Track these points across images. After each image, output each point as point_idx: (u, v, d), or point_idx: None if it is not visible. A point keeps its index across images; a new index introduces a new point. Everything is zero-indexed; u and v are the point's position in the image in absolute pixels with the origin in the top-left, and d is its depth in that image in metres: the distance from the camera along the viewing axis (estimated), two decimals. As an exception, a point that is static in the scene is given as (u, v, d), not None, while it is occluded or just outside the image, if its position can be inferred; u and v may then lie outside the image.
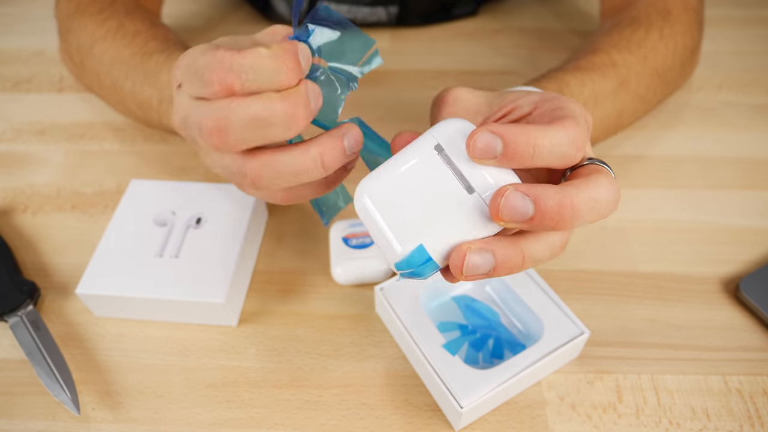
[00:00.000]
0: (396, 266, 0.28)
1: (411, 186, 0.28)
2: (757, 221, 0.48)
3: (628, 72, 0.48)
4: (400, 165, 0.29)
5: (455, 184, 0.28)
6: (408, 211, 0.28)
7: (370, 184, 0.29)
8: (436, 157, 0.28)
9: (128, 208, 0.46)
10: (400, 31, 0.70)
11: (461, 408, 0.34)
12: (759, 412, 0.38)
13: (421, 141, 0.29)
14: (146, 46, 0.48)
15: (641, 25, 0.50)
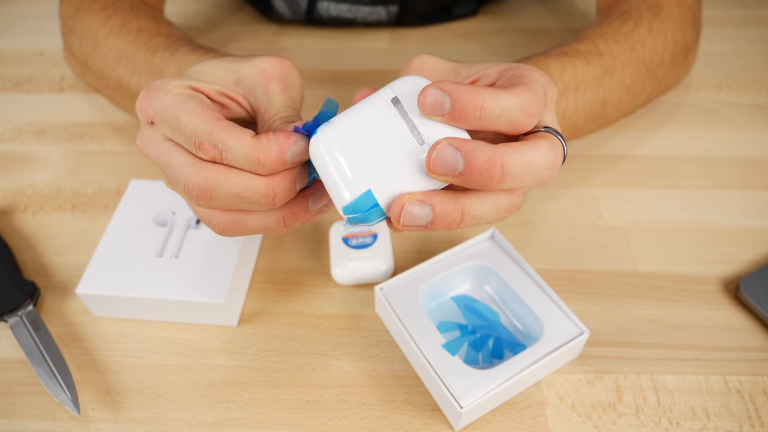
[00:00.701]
0: (343, 210, 0.28)
1: (365, 135, 0.28)
2: (757, 221, 0.49)
3: (613, 61, 0.48)
4: (357, 115, 0.29)
5: (408, 136, 0.28)
6: (360, 159, 0.28)
7: (326, 132, 0.29)
8: (392, 109, 0.29)
9: (128, 208, 0.46)
10: (399, 31, 0.70)
11: (461, 408, 0.34)
12: (759, 412, 0.38)
13: (380, 94, 0.29)
14: (150, 42, 0.48)
15: (630, 18, 0.51)
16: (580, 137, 0.53)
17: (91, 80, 0.56)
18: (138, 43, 0.49)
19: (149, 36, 0.49)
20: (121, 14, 0.52)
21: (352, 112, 0.29)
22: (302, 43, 0.68)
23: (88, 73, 0.55)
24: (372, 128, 0.29)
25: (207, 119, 0.29)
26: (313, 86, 0.63)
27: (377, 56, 0.66)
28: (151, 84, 0.46)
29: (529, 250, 0.47)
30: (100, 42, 0.51)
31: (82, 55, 0.53)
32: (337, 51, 0.67)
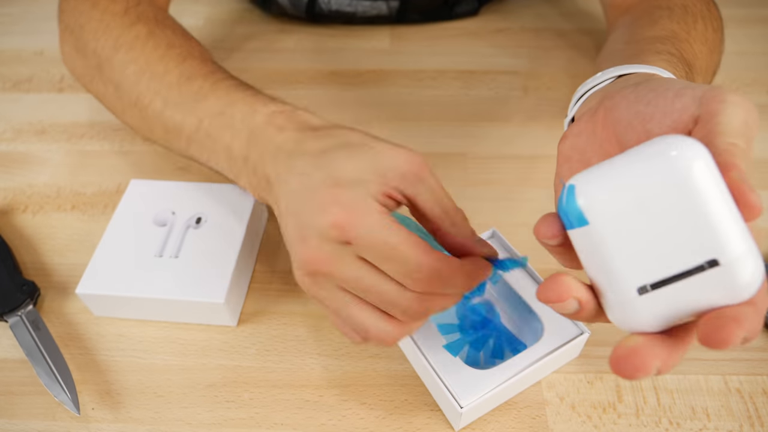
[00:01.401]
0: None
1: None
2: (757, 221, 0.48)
3: (707, 67, 0.45)
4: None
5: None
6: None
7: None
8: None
9: (128, 208, 0.46)
10: (400, 30, 0.70)
11: (461, 408, 0.34)
12: (759, 412, 0.38)
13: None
14: (184, 64, 0.43)
15: (697, 16, 0.46)
16: None
17: (97, 87, 0.48)
18: (167, 62, 0.43)
19: (181, 56, 0.44)
20: (146, 23, 0.46)
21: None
22: (302, 43, 0.68)
23: (98, 80, 0.47)
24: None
25: (426, 253, 0.29)
26: (313, 86, 0.63)
27: (377, 56, 0.66)
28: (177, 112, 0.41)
29: (529, 250, 0.47)
30: (120, 49, 0.45)
31: (96, 59, 0.46)
32: (337, 51, 0.67)
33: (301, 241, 0.30)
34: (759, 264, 0.21)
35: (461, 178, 0.53)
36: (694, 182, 0.20)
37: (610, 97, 0.30)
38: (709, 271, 0.20)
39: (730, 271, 0.20)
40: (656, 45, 0.40)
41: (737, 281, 0.20)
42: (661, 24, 0.45)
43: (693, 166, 0.20)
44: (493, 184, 0.52)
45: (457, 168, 0.54)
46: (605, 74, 0.36)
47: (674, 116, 0.26)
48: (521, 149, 0.55)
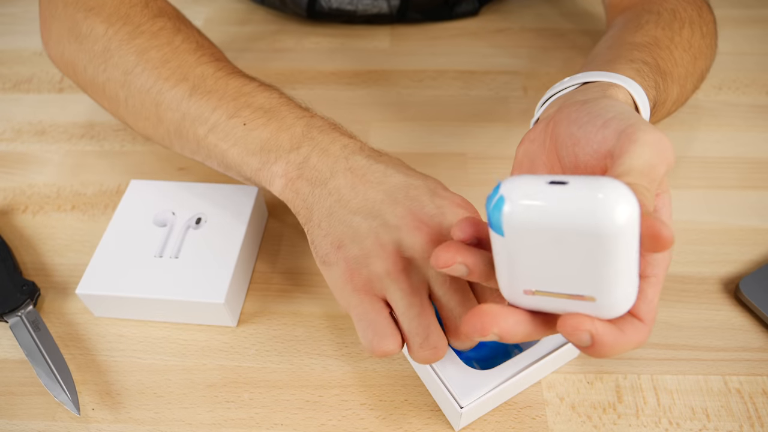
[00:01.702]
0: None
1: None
2: (757, 221, 0.48)
3: (685, 74, 0.45)
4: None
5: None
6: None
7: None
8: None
9: (128, 208, 0.46)
10: (400, 30, 0.70)
11: (461, 408, 0.34)
12: (759, 412, 0.38)
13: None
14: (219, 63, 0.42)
15: (684, 21, 0.47)
16: None
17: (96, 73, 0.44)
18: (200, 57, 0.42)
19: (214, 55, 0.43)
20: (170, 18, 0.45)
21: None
22: (302, 43, 0.68)
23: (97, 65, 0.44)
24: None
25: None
26: (314, 86, 0.63)
27: (377, 56, 0.66)
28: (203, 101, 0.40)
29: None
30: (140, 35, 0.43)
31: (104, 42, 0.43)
32: (337, 51, 0.67)
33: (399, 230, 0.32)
34: (627, 303, 0.25)
35: (461, 178, 0.53)
36: (605, 232, 0.22)
37: (560, 110, 0.32)
38: (587, 302, 0.24)
39: (601, 306, 0.24)
40: (633, 52, 0.41)
41: (605, 313, 0.25)
42: (645, 30, 0.46)
43: (610, 216, 0.22)
44: (493, 184, 0.52)
45: (457, 168, 0.54)
46: (572, 80, 0.37)
47: (595, 146, 0.29)
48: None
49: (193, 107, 0.40)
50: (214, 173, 0.53)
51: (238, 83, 0.40)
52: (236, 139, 0.38)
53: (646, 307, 0.26)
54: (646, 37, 0.44)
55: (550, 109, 0.36)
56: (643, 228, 0.23)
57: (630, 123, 0.28)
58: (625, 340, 0.25)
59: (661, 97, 0.41)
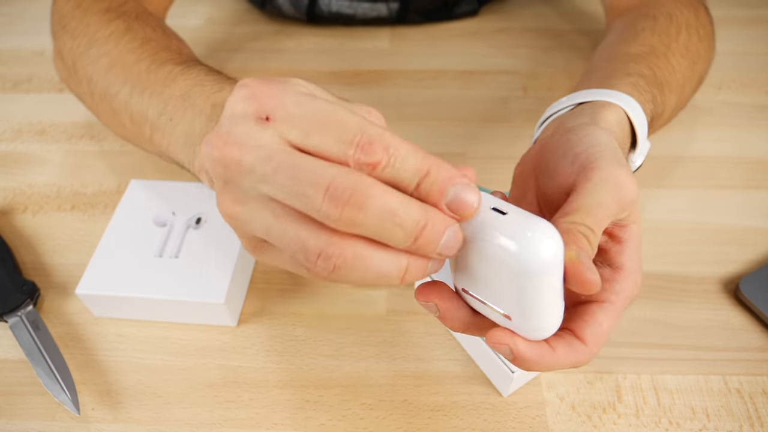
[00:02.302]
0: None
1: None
2: (757, 221, 0.48)
3: (683, 80, 0.45)
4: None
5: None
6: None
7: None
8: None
9: (128, 208, 0.46)
10: (400, 30, 0.70)
11: (512, 373, 0.36)
12: (759, 412, 0.38)
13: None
14: (157, 55, 0.42)
15: (681, 25, 0.47)
16: None
17: (75, 86, 0.47)
18: (140, 53, 0.42)
19: (155, 49, 0.43)
20: (125, 19, 0.45)
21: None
22: (302, 43, 0.68)
23: (74, 78, 0.47)
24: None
25: (370, 121, 0.24)
26: (313, 86, 0.63)
27: (377, 56, 0.66)
28: (143, 97, 0.39)
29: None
30: (94, 44, 0.44)
31: (71, 56, 0.46)
32: (337, 51, 0.67)
33: (206, 141, 0.25)
34: (545, 332, 0.26)
35: (461, 178, 0.53)
36: (530, 266, 0.24)
37: (551, 136, 0.33)
38: (503, 317, 0.26)
39: (519, 328, 0.26)
40: (629, 65, 0.42)
41: (524, 334, 0.26)
42: (641, 38, 0.46)
43: (532, 256, 0.24)
44: (493, 184, 0.52)
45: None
46: (569, 99, 0.38)
47: (561, 180, 0.30)
48: (521, 149, 0.55)
49: (135, 109, 0.40)
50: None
51: (165, 72, 0.39)
52: (169, 135, 0.37)
53: (593, 330, 0.27)
54: (643, 46, 0.45)
55: (546, 131, 0.36)
56: (570, 271, 0.25)
57: (592, 160, 0.29)
58: (555, 359, 0.26)
59: (658, 110, 0.41)
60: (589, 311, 0.28)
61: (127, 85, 0.41)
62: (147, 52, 0.42)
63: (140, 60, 0.42)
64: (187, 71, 0.39)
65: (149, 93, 0.40)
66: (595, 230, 0.27)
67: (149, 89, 0.40)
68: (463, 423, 0.38)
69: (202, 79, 0.38)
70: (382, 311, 0.44)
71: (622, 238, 0.29)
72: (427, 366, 0.41)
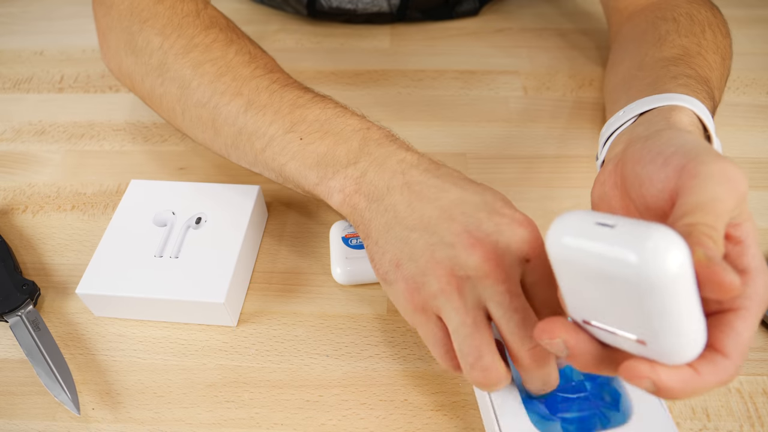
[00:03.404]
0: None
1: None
2: (757, 221, 0.48)
3: (720, 77, 0.44)
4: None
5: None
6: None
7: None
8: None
9: (128, 208, 0.46)
10: (400, 30, 0.70)
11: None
12: (759, 412, 0.38)
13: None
14: (273, 74, 0.42)
15: (703, 24, 0.47)
16: None
17: (153, 86, 0.45)
18: (255, 69, 0.42)
19: (267, 67, 0.43)
20: (222, 29, 0.45)
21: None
22: (302, 42, 0.68)
23: (154, 78, 0.44)
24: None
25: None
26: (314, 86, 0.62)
27: (377, 56, 0.66)
28: (258, 115, 0.39)
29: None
30: (195, 48, 0.43)
31: (161, 55, 0.44)
32: (337, 51, 0.67)
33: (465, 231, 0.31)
34: (689, 351, 0.23)
35: (461, 178, 0.53)
36: (656, 278, 0.21)
37: (626, 148, 0.32)
38: (637, 344, 0.24)
39: (656, 352, 0.23)
40: (670, 68, 0.40)
41: (664, 359, 0.24)
42: (669, 41, 0.45)
43: (655, 267, 0.21)
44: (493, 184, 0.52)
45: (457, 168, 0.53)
46: (627, 113, 0.37)
47: (660, 186, 0.28)
48: (521, 149, 0.55)
49: (250, 122, 0.40)
50: (214, 173, 0.53)
51: (293, 96, 0.40)
52: (293, 153, 0.38)
53: (733, 341, 0.24)
54: (674, 48, 0.44)
55: (616, 147, 0.35)
56: (703, 274, 0.22)
57: (691, 157, 0.27)
58: (702, 382, 0.24)
59: (714, 106, 0.40)
60: (725, 322, 0.25)
61: (242, 98, 0.40)
62: (260, 70, 0.42)
63: (256, 76, 0.41)
64: (318, 100, 0.40)
65: (272, 111, 0.39)
66: (717, 228, 0.24)
67: (272, 108, 0.40)
68: (463, 423, 0.38)
69: (342, 111, 0.39)
70: (382, 311, 0.44)
71: (740, 238, 0.26)
72: (427, 366, 0.41)
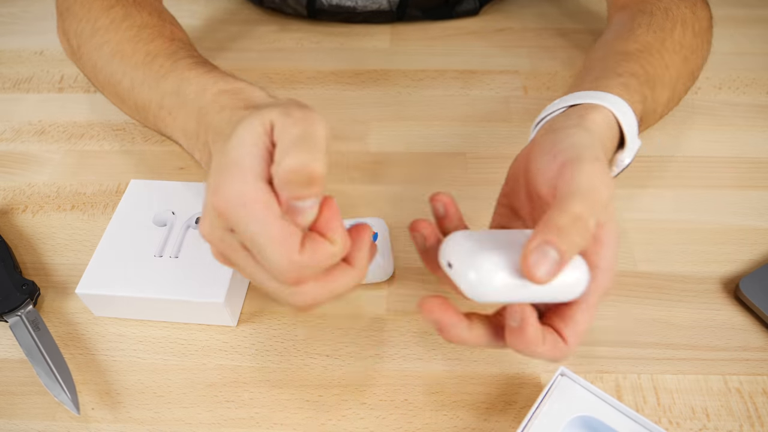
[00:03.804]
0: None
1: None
2: (757, 221, 0.48)
3: (677, 76, 0.47)
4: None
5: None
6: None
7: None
8: None
9: (128, 208, 0.46)
10: (400, 30, 0.70)
11: None
12: (759, 411, 0.38)
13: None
14: (152, 44, 0.45)
15: (676, 21, 0.49)
16: None
17: (82, 68, 0.52)
18: (136, 43, 0.45)
19: (150, 36, 0.46)
20: (124, 5, 0.48)
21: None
22: (302, 43, 0.68)
23: (80, 61, 0.52)
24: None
25: (285, 252, 0.28)
26: (314, 86, 0.63)
27: (377, 56, 0.66)
28: (144, 89, 0.43)
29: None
30: (97, 32, 0.48)
31: (77, 40, 0.50)
32: (337, 50, 0.67)
33: (202, 219, 0.31)
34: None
35: (461, 177, 0.53)
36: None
37: (536, 138, 0.36)
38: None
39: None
40: (622, 64, 0.43)
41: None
42: (636, 35, 0.47)
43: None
44: (493, 184, 0.52)
45: (457, 168, 0.54)
46: (561, 102, 0.40)
47: (547, 177, 0.32)
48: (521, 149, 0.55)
49: (138, 98, 0.45)
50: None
51: (157, 67, 0.43)
52: (171, 127, 0.42)
53: (572, 329, 0.30)
54: (637, 43, 0.46)
55: (540, 132, 0.37)
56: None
57: (573, 156, 0.31)
58: (543, 350, 0.30)
59: (649, 108, 0.43)
60: (568, 313, 0.31)
61: (127, 76, 0.45)
62: (142, 41, 0.45)
63: (136, 51, 0.45)
64: (175, 66, 0.42)
65: (147, 86, 0.43)
66: (581, 220, 0.28)
67: (147, 83, 0.43)
68: (463, 423, 0.38)
69: (187, 75, 0.40)
70: (382, 311, 0.44)
71: (600, 239, 0.30)
72: (428, 366, 0.41)
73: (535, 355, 0.30)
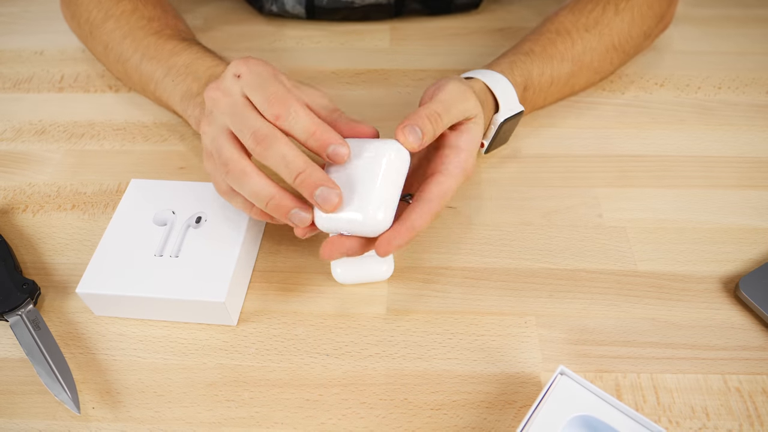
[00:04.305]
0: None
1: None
2: (757, 220, 0.49)
3: (583, 50, 0.54)
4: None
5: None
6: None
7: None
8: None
9: (128, 207, 0.46)
10: (400, 29, 0.70)
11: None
12: (758, 411, 0.38)
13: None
14: (162, 32, 0.55)
15: (599, 2, 0.55)
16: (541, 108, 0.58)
17: (91, 47, 0.61)
18: (148, 30, 0.55)
19: (160, 26, 0.55)
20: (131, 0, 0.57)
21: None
22: (303, 42, 0.68)
23: (90, 41, 0.60)
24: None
25: (288, 89, 0.39)
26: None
27: (377, 56, 0.66)
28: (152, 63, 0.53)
29: (529, 250, 0.47)
30: (108, 19, 0.56)
31: (88, 26, 0.58)
32: (337, 50, 0.67)
33: (207, 87, 0.41)
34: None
35: (461, 177, 0.53)
36: (381, 164, 0.37)
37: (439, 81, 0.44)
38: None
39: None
40: (525, 43, 0.54)
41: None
42: (558, 16, 0.56)
43: (386, 155, 0.37)
44: (493, 183, 0.52)
45: (457, 168, 0.53)
46: (470, 73, 0.50)
47: (425, 95, 0.43)
48: (521, 146, 0.55)
49: (144, 71, 0.54)
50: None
51: (171, 46, 0.53)
52: (169, 92, 0.52)
53: (438, 188, 0.39)
54: (554, 24, 0.55)
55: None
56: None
57: (447, 79, 0.43)
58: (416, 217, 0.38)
59: (536, 80, 0.52)
60: (433, 179, 0.39)
61: (138, 53, 0.54)
62: (152, 29, 0.55)
63: (148, 35, 0.55)
64: (189, 47, 0.52)
65: (156, 61, 0.53)
66: (437, 114, 0.39)
67: (156, 58, 0.53)
68: (462, 423, 0.38)
69: (203, 55, 0.52)
70: (382, 311, 0.44)
71: (461, 128, 0.41)
72: (427, 365, 0.41)
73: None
